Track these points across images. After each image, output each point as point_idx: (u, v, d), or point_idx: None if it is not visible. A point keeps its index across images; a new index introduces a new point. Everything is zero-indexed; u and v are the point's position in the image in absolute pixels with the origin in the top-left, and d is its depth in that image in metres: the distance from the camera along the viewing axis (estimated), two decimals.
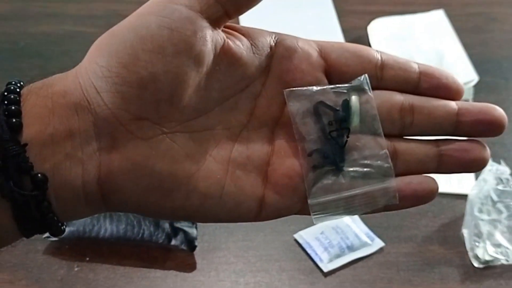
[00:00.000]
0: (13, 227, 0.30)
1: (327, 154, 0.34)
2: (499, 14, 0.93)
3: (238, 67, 0.33)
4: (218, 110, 0.33)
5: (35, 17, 0.90)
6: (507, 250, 0.61)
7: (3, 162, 0.29)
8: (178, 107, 0.32)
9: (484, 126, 0.34)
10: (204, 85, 0.33)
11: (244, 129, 0.34)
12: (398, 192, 0.33)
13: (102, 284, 0.59)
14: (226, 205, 0.33)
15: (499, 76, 0.83)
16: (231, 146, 0.34)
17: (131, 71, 0.30)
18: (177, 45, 0.31)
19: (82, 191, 0.31)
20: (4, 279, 0.58)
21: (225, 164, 0.33)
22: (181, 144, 0.32)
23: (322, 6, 0.93)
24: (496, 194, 0.64)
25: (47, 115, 0.30)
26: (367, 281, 0.60)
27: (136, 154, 0.31)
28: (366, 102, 0.34)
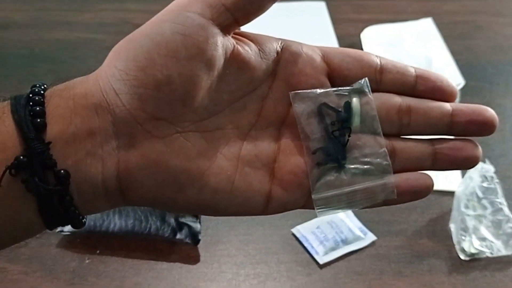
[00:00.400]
0: (38, 219, 0.30)
1: (330, 152, 0.34)
2: (484, 22, 0.93)
3: (247, 71, 0.33)
4: (228, 110, 0.34)
5: (49, 25, 0.90)
6: (492, 243, 0.61)
7: (28, 159, 0.29)
8: (191, 108, 0.32)
9: (477, 126, 0.34)
10: (215, 88, 0.33)
11: (253, 129, 0.34)
12: (396, 188, 0.33)
13: (112, 275, 0.59)
14: (236, 200, 0.33)
15: (484, 80, 0.83)
16: (240, 145, 0.34)
17: (147, 74, 0.31)
18: (190, 50, 0.31)
19: (102, 186, 0.31)
20: (19, 270, 0.58)
21: (235, 161, 0.33)
22: (194, 142, 0.32)
23: (318, 14, 0.93)
24: (481, 191, 0.64)
25: (69, 115, 0.30)
26: (360, 272, 0.60)
27: (152, 152, 0.31)
28: (366, 104, 0.34)
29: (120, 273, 0.59)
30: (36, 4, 0.95)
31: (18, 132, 0.30)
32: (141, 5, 0.93)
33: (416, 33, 0.89)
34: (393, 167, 0.33)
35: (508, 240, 0.61)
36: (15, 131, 0.30)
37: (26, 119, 0.30)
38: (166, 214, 0.61)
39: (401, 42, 0.87)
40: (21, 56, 0.85)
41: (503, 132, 0.75)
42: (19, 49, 0.86)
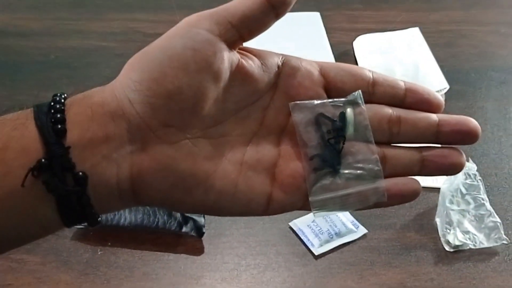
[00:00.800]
0: (57, 218, 0.31)
1: (326, 158, 0.34)
2: (467, 31, 0.94)
3: (250, 83, 0.34)
4: (233, 119, 0.34)
5: (64, 34, 0.91)
6: (475, 236, 0.61)
7: (49, 162, 0.29)
8: (199, 116, 0.32)
9: (461, 135, 0.34)
10: (221, 98, 0.33)
11: (255, 136, 0.35)
12: (387, 191, 0.34)
13: (122, 266, 0.59)
14: (239, 201, 0.33)
15: (467, 85, 0.83)
16: (243, 150, 0.34)
17: (159, 85, 0.31)
18: (199, 63, 0.31)
19: (117, 187, 0.31)
20: (37, 261, 0.58)
21: (238, 165, 0.33)
22: (201, 148, 0.32)
23: (313, 24, 0.93)
24: (465, 188, 0.65)
25: (87, 122, 0.31)
26: (352, 263, 0.60)
27: (163, 156, 0.31)
28: (360, 114, 0.34)
29: (129, 264, 0.59)
30: (51, 14, 0.95)
31: (40, 137, 0.30)
32: (148, 15, 0.93)
33: (405, 42, 0.89)
34: (384, 172, 0.34)
35: (490, 233, 0.62)
36: (37, 136, 0.30)
37: (48, 125, 0.30)
38: None
39: (390, 49, 0.87)
40: (37, 62, 0.85)
41: (485, 133, 0.75)
42: (36, 55, 0.86)
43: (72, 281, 0.57)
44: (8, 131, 0.30)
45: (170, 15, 0.91)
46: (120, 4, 0.98)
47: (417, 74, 0.82)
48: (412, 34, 0.91)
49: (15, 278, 0.57)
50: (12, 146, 0.30)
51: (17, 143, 0.30)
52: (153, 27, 0.89)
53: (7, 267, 0.58)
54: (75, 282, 0.57)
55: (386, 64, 0.84)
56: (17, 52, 0.87)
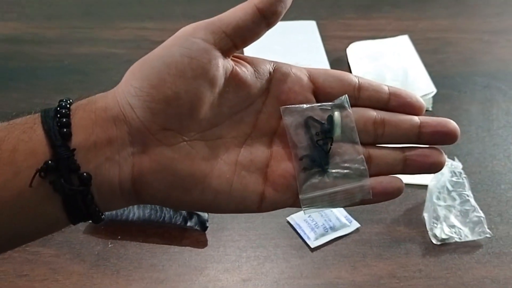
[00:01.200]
0: (63, 216, 0.31)
1: (315, 159, 0.34)
2: (453, 39, 0.94)
3: (244, 89, 0.34)
4: (227, 122, 0.34)
5: (77, 41, 0.91)
6: (460, 230, 0.61)
7: (56, 164, 0.30)
8: (196, 120, 0.32)
9: (441, 136, 0.34)
10: (216, 103, 0.33)
11: (249, 138, 0.35)
12: (372, 189, 0.34)
13: (131, 257, 0.59)
14: (234, 199, 0.33)
15: (453, 89, 0.83)
16: (238, 152, 0.34)
17: (158, 91, 0.31)
18: (196, 70, 0.31)
19: (119, 187, 0.31)
20: (51, 253, 0.58)
21: (233, 166, 0.33)
22: (198, 149, 0.32)
23: (310, 32, 0.93)
24: (451, 185, 0.64)
25: (91, 126, 0.31)
26: (346, 255, 0.60)
27: (162, 158, 0.31)
28: (346, 117, 0.34)
29: (138, 256, 0.59)
30: (65, 23, 0.95)
31: (47, 140, 0.30)
32: (156, 24, 0.93)
33: (395, 48, 0.89)
34: (369, 171, 0.34)
35: (474, 227, 0.62)
36: (44, 139, 0.30)
37: (54, 129, 0.30)
38: None
39: (381, 56, 0.87)
40: (52, 68, 0.85)
41: (469, 134, 0.75)
42: (50, 62, 0.86)
43: (84, 272, 0.57)
44: (17, 135, 0.30)
45: (175, 24, 0.91)
46: (129, 13, 0.98)
47: (406, 79, 0.82)
48: (402, 41, 0.91)
49: (31, 269, 0.57)
50: (21, 149, 0.30)
51: (25, 146, 0.30)
52: (160, 35, 0.89)
53: (23, 259, 0.58)
54: (87, 273, 0.57)
55: (377, 69, 0.84)
56: (33, 58, 0.87)
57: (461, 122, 0.77)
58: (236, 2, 0.33)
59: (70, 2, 1.01)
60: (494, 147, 0.73)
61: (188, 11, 0.96)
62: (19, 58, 0.87)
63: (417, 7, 1.02)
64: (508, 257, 0.60)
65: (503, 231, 0.63)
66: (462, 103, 0.81)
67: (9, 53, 0.88)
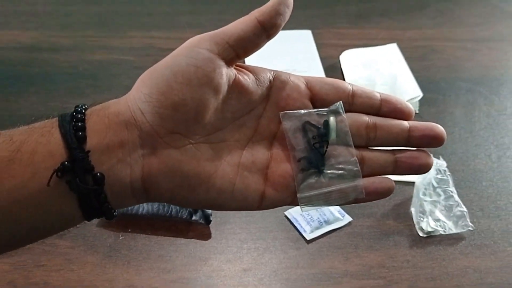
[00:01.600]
0: (78, 213, 0.31)
1: (312, 160, 0.34)
2: (438, 47, 0.94)
3: (246, 95, 0.34)
4: (231, 127, 0.34)
5: (90, 49, 0.90)
6: (444, 223, 0.61)
7: (72, 165, 0.30)
8: (201, 124, 0.32)
9: (429, 139, 0.34)
10: (220, 108, 0.33)
11: (250, 141, 0.35)
12: (365, 189, 0.34)
13: (140, 249, 0.59)
14: (236, 198, 0.33)
15: (438, 93, 0.83)
16: (240, 154, 0.34)
17: (167, 97, 0.31)
18: (201, 78, 0.31)
19: (130, 186, 0.31)
20: (67, 245, 0.58)
21: (236, 167, 0.33)
22: (203, 151, 0.32)
23: (305, 41, 0.93)
24: (436, 182, 0.64)
25: (105, 130, 0.31)
26: (339, 246, 0.60)
27: (170, 159, 0.31)
28: (341, 122, 0.34)
29: (147, 247, 0.59)
30: (79, 32, 0.95)
31: (64, 143, 0.30)
32: (163, 33, 0.93)
33: (384, 56, 0.89)
34: (362, 172, 0.34)
35: (457, 221, 0.62)
36: (61, 142, 0.30)
37: (70, 132, 0.30)
38: None
39: (372, 62, 0.87)
40: (67, 74, 0.85)
41: (453, 134, 0.75)
42: (66, 68, 0.86)
43: (98, 262, 0.57)
44: (36, 138, 0.30)
45: (182, 33, 0.91)
46: (139, 23, 0.98)
47: (395, 84, 0.82)
48: (391, 49, 0.91)
49: (48, 260, 0.57)
50: (39, 151, 0.30)
51: (44, 148, 0.30)
52: (167, 43, 0.89)
53: (41, 250, 0.58)
54: (100, 263, 0.57)
55: (368, 75, 0.84)
56: (50, 64, 0.87)
57: (445, 124, 0.77)
58: (238, 12, 0.33)
59: (84, 13, 1.01)
60: (476, 147, 0.74)
61: (192, 21, 0.96)
62: (37, 65, 0.87)
63: (405, 18, 1.02)
64: (489, 248, 0.60)
65: (484, 224, 0.63)
66: (446, 106, 0.81)
67: (28, 60, 0.88)
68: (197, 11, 1.01)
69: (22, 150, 0.30)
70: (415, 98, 0.79)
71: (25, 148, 0.30)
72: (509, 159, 0.72)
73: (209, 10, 1.01)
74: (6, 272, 0.55)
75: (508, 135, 0.76)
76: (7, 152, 0.29)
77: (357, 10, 1.04)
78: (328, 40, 0.93)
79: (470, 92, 0.83)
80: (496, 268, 0.58)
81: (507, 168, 0.70)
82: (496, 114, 0.79)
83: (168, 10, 1.02)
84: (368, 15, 1.02)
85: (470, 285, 0.56)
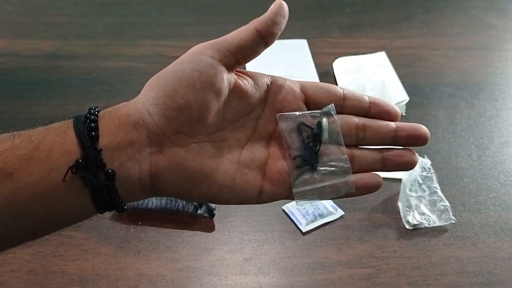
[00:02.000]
0: (91, 206, 0.31)
1: (306, 158, 0.34)
2: (424, 55, 0.94)
3: (245, 98, 0.34)
4: (231, 127, 0.34)
5: (104, 57, 0.90)
6: (429, 217, 0.61)
7: (85, 162, 0.30)
8: (204, 125, 0.32)
9: (414, 139, 0.34)
10: (222, 110, 0.33)
11: (249, 141, 0.35)
12: (355, 184, 0.34)
13: (150, 240, 0.59)
14: (237, 193, 0.33)
15: (423, 97, 0.83)
16: (240, 152, 0.34)
17: (172, 100, 0.31)
18: (204, 83, 0.31)
19: (139, 182, 0.31)
20: (82, 237, 0.58)
21: (236, 164, 0.33)
22: (206, 150, 0.33)
23: (301, 49, 0.93)
24: (421, 178, 0.64)
25: (116, 130, 0.31)
26: (332, 238, 0.60)
27: (176, 157, 0.32)
28: (333, 123, 0.34)
29: (156, 239, 0.59)
30: (94, 42, 0.95)
31: (78, 142, 0.30)
32: (171, 42, 0.94)
33: (374, 63, 0.89)
34: (352, 169, 0.34)
35: (441, 215, 0.62)
36: (76, 141, 0.30)
37: (84, 132, 0.30)
38: None
39: (362, 69, 0.87)
40: (83, 80, 0.85)
41: (437, 135, 0.75)
42: (81, 74, 0.86)
43: (110, 253, 0.57)
44: (53, 137, 0.30)
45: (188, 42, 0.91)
46: (149, 33, 0.98)
47: (383, 88, 0.82)
48: (380, 57, 0.91)
49: (65, 250, 0.57)
50: (56, 149, 0.30)
51: (60, 147, 0.30)
52: (175, 51, 0.89)
53: (59, 241, 0.58)
54: (113, 253, 0.57)
55: (359, 80, 0.84)
56: (67, 71, 0.87)
57: (430, 125, 0.77)
58: (239, 23, 0.33)
59: (99, 24, 1.01)
60: (458, 146, 0.74)
61: (198, 31, 0.96)
62: (56, 71, 0.87)
63: (393, 28, 1.02)
64: (469, 240, 0.60)
65: (466, 218, 0.63)
66: (431, 109, 0.81)
67: (46, 67, 0.88)
68: (202, 22, 1.01)
69: (40, 148, 0.30)
70: (402, 102, 0.79)
71: (42, 147, 0.30)
72: (488, 158, 0.72)
73: (212, 20, 1.01)
74: (26, 262, 0.55)
75: (487, 136, 0.76)
76: (26, 151, 0.30)
77: (348, 21, 1.04)
78: (322, 49, 0.94)
79: (452, 97, 0.83)
80: (476, 258, 0.58)
81: (486, 166, 0.70)
82: (476, 117, 0.79)
83: (175, 21, 1.02)
84: (359, 26, 1.02)
85: (452, 273, 0.56)
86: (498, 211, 0.63)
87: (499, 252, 0.58)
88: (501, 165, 0.70)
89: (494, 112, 0.81)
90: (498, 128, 0.77)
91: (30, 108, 0.78)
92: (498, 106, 0.82)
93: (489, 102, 0.83)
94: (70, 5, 1.09)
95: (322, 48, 0.94)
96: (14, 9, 1.07)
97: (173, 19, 1.03)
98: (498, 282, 0.55)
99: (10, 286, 0.52)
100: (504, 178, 0.68)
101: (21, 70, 0.87)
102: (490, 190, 0.66)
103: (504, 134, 0.76)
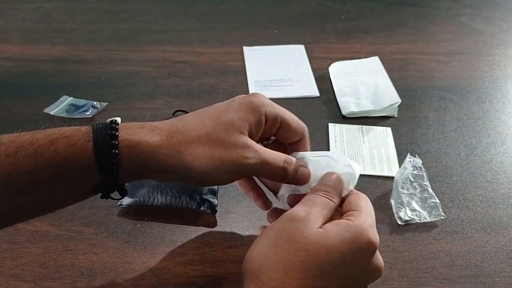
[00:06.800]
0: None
1: None
2: (415, 59, 0.94)
3: None
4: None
5: (112, 61, 0.90)
6: (420, 213, 0.61)
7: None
8: None
9: None
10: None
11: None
12: None
13: (155, 235, 0.59)
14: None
15: (414, 100, 0.83)
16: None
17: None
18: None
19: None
20: (91, 232, 0.58)
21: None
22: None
23: (299, 54, 0.93)
24: (413, 177, 0.64)
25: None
26: None
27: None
28: None
29: (161, 234, 0.59)
30: (102, 47, 0.95)
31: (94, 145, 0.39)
32: (175, 47, 0.93)
33: (367, 67, 0.89)
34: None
35: (431, 211, 0.62)
36: (92, 151, 0.38)
37: (107, 139, 0.38)
38: (193, 193, 0.61)
39: (356, 73, 0.87)
40: (92, 83, 0.85)
41: (427, 136, 0.76)
42: (90, 78, 0.86)
43: (118, 247, 0.57)
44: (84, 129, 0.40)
45: (191, 47, 0.92)
46: (154, 39, 0.98)
47: (376, 91, 0.82)
48: (373, 61, 0.91)
49: (75, 244, 0.57)
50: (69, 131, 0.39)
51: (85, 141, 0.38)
52: (179, 56, 0.89)
53: (69, 236, 0.58)
54: (120, 248, 0.57)
55: (353, 84, 0.84)
56: (76, 75, 0.87)
57: (421, 126, 0.77)
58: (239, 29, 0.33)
59: (106, 30, 1.01)
60: (447, 146, 0.74)
61: (200, 37, 0.96)
62: (66, 75, 0.87)
63: (386, 34, 1.02)
64: (458, 235, 0.60)
65: (455, 214, 0.63)
66: (421, 111, 0.81)
67: (58, 71, 0.88)
68: (204, 28, 1.01)
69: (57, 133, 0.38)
70: (394, 104, 0.79)
71: (61, 132, 0.38)
72: (476, 157, 0.72)
73: (215, 27, 1.01)
74: (38, 256, 0.55)
75: (475, 136, 0.76)
76: (50, 137, 0.37)
77: (344, 28, 1.04)
78: (318, 54, 0.94)
79: (442, 99, 0.84)
80: (464, 252, 0.58)
81: (474, 165, 0.70)
82: (465, 118, 0.80)
83: (179, 28, 1.02)
84: (353, 32, 1.02)
85: (442, 266, 0.56)
86: (485, 207, 0.63)
87: (486, 247, 0.58)
88: (488, 164, 0.70)
89: (481, 113, 0.81)
90: (486, 129, 0.77)
91: (42, 110, 0.78)
92: (485, 108, 0.82)
93: (477, 104, 0.83)
94: (80, 13, 1.09)
95: (318, 53, 0.94)
96: (26, 16, 1.07)
97: (177, 25, 1.03)
98: (485, 275, 0.55)
99: (23, 278, 0.52)
100: (491, 176, 0.68)
101: (33, 74, 0.87)
102: (478, 187, 0.66)
103: (491, 134, 0.76)
